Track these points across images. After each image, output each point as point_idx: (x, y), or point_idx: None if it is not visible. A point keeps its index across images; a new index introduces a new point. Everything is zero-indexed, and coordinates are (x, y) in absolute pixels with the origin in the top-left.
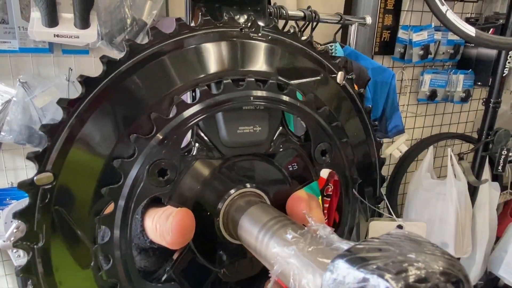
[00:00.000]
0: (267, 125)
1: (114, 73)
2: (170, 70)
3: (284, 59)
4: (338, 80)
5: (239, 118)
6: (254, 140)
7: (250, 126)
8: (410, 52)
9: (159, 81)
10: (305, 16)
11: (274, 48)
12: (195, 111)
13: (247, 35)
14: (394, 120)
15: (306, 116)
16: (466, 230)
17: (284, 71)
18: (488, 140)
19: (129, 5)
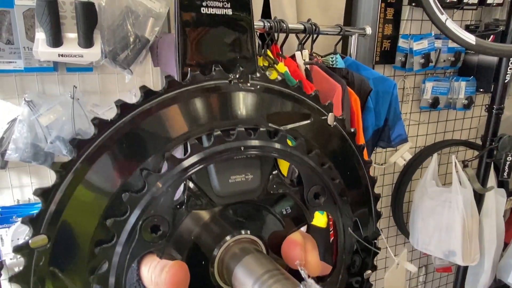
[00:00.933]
0: (259, 172)
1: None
2: (160, 127)
3: (274, 106)
4: (329, 122)
5: (231, 167)
6: (246, 188)
7: (241, 174)
8: (411, 60)
9: (150, 138)
10: (305, 29)
11: (264, 96)
12: (187, 165)
13: (236, 86)
14: (397, 129)
15: (298, 161)
16: (473, 238)
17: (274, 117)
18: (492, 147)
19: (131, 22)
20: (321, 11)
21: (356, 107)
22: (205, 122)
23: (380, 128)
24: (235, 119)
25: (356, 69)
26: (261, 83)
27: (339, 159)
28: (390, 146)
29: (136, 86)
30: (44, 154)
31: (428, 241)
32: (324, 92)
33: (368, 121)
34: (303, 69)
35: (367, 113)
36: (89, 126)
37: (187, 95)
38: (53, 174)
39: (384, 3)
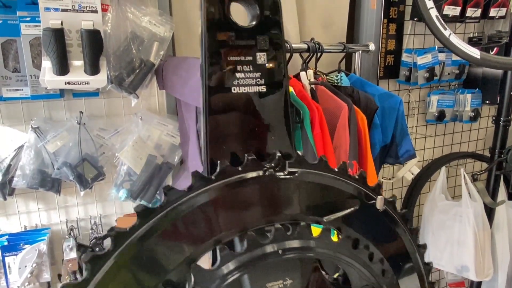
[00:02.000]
0: (299, 275)
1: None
2: (185, 233)
3: (314, 194)
4: (378, 206)
5: (267, 272)
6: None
7: (279, 280)
8: (416, 74)
9: (175, 246)
10: (309, 48)
11: (303, 184)
12: (216, 278)
13: (272, 177)
14: (405, 145)
15: (343, 259)
16: (486, 252)
17: (315, 207)
18: (501, 159)
19: (137, 47)
20: (324, 29)
21: (363, 126)
22: (236, 222)
23: (387, 144)
24: (271, 215)
25: (361, 86)
26: (300, 169)
27: (390, 248)
28: (398, 162)
29: (142, 109)
30: (51, 180)
31: (440, 256)
32: (331, 111)
33: (375, 137)
34: (309, 89)
35: (374, 130)
36: (96, 151)
37: (216, 191)
38: (59, 199)
39: (387, 18)
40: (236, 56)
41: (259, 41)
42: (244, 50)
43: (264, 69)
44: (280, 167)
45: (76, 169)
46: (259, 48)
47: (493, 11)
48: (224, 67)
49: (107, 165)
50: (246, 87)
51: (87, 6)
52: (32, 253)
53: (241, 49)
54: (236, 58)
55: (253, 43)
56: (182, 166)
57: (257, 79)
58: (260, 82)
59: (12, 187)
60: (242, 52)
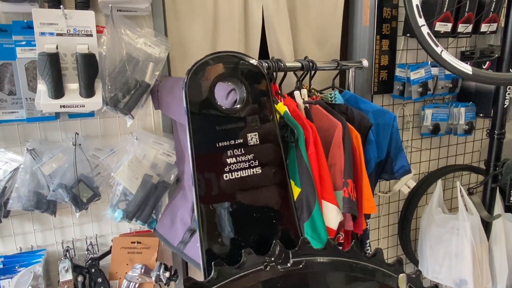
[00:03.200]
0: None
1: None
2: None
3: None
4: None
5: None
6: None
7: None
8: (409, 89)
9: None
10: (302, 67)
11: (310, 273)
12: None
13: (274, 271)
14: (400, 161)
15: None
16: (484, 265)
17: None
18: (496, 172)
19: (132, 68)
20: (318, 47)
21: (358, 144)
22: None
23: (382, 160)
24: None
25: (355, 102)
26: (306, 258)
27: None
28: (393, 178)
29: (138, 129)
30: (47, 201)
31: (438, 269)
32: (325, 129)
33: (370, 154)
34: (303, 108)
35: (368, 146)
36: (91, 171)
37: None
38: (55, 220)
39: (379, 35)
40: (226, 141)
41: (248, 122)
42: (233, 133)
43: (257, 150)
44: (282, 260)
45: (72, 191)
46: (249, 129)
47: (484, 26)
48: (213, 155)
49: (102, 185)
50: (239, 171)
51: (82, 30)
52: (27, 275)
53: (230, 132)
54: (227, 143)
55: (243, 124)
56: (178, 184)
57: (251, 161)
58: (254, 164)
59: (7, 209)
60: (231, 135)
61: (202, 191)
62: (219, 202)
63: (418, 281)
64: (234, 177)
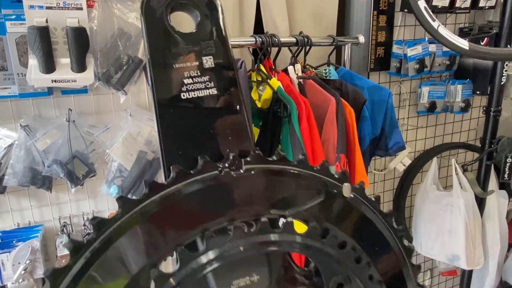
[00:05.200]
0: (266, 270)
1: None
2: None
3: (275, 188)
4: (345, 194)
5: (232, 270)
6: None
7: (245, 277)
8: (406, 66)
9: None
10: (297, 42)
11: (261, 180)
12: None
13: (228, 176)
14: (394, 138)
15: (310, 250)
16: (476, 241)
17: (278, 201)
18: (491, 149)
19: (124, 44)
20: (314, 22)
21: (351, 119)
22: (196, 224)
23: (377, 137)
24: (232, 214)
25: (350, 79)
26: (257, 166)
27: (364, 234)
28: (388, 154)
29: (132, 106)
30: (42, 177)
31: (432, 245)
32: (319, 105)
33: (365, 130)
34: (296, 83)
35: (363, 123)
36: (86, 148)
37: (172, 197)
38: (52, 196)
39: (377, 10)
40: (182, 63)
41: (203, 46)
42: (189, 56)
43: (212, 73)
44: (235, 166)
45: (67, 167)
46: (204, 53)
47: (482, 1)
48: (171, 75)
49: (98, 161)
50: (195, 91)
51: (72, 3)
52: (25, 250)
53: (186, 55)
54: (182, 65)
55: (198, 48)
56: None
57: (206, 83)
58: (209, 86)
59: (3, 185)
60: (187, 59)
61: (162, 108)
62: (178, 118)
63: (361, 191)
64: (191, 96)
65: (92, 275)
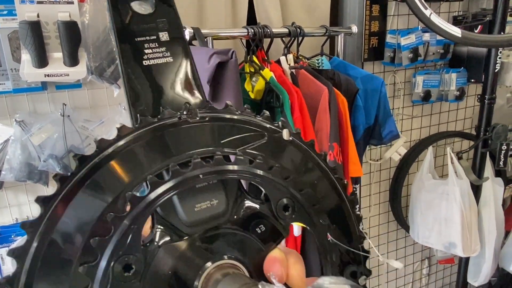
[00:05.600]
0: (223, 196)
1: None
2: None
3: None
4: (285, 137)
5: (194, 196)
6: (213, 213)
7: (206, 201)
8: (400, 56)
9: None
10: (290, 33)
11: (215, 125)
12: (148, 201)
13: (185, 121)
14: (388, 126)
15: (259, 178)
16: (472, 229)
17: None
18: (486, 137)
19: None
20: (307, 13)
21: (344, 108)
22: (162, 160)
23: (371, 126)
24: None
25: (343, 69)
26: (210, 114)
27: (302, 170)
28: (382, 143)
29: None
30: (39, 172)
31: (428, 234)
32: (312, 95)
33: (359, 119)
34: (289, 73)
35: (357, 112)
36: (81, 142)
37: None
38: (49, 191)
39: (370, 0)
40: (143, 37)
41: (159, 24)
42: (149, 32)
43: (167, 44)
44: (192, 114)
45: (62, 161)
46: (160, 29)
47: None
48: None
49: None
50: (154, 59)
51: None
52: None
53: (146, 31)
54: (143, 38)
55: (155, 25)
56: None
57: (163, 53)
58: (166, 55)
59: (0, 181)
60: (147, 34)
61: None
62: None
63: (298, 137)
64: (151, 63)
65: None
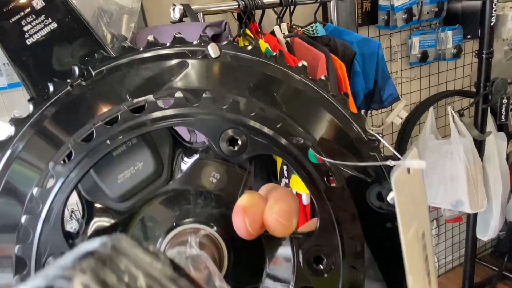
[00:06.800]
0: (148, 154)
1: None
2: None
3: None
4: (213, 54)
5: (114, 166)
6: (143, 178)
7: (129, 167)
8: (394, 17)
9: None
10: (281, 2)
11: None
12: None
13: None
14: (388, 89)
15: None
16: (478, 185)
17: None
18: (486, 92)
19: (105, 22)
20: None
21: (342, 73)
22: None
23: (370, 90)
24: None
25: (338, 34)
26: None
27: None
28: (383, 107)
29: None
30: None
31: (435, 194)
32: (309, 63)
33: (358, 85)
34: (284, 42)
35: (355, 77)
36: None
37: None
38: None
39: None
40: (16, 15)
41: None
42: (21, 7)
43: (44, 10)
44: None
45: None
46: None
47: None
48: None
49: None
50: (37, 33)
51: None
52: None
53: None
54: (17, 16)
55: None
56: None
57: (44, 21)
58: (48, 22)
59: None
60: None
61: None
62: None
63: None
64: (35, 39)
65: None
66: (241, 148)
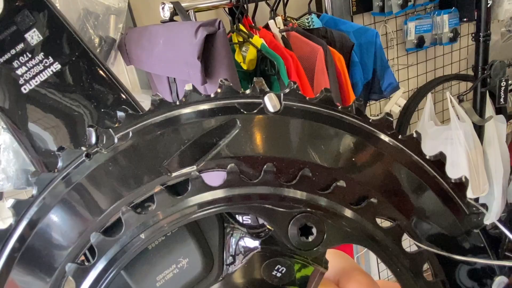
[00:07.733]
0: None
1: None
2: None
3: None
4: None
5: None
6: (190, 279)
7: (171, 266)
8: (389, 3)
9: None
10: None
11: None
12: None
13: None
14: (387, 79)
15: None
16: (479, 169)
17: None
18: (485, 75)
19: (92, 24)
20: None
21: (341, 66)
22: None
23: (369, 81)
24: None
25: (334, 25)
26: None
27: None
28: (382, 97)
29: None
30: None
31: None
32: (307, 57)
33: (357, 76)
34: (280, 37)
35: (354, 68)
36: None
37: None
38: None
39: None
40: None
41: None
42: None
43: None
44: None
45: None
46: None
47: None
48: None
49: None
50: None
51: None
52: None
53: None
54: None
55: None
56: None
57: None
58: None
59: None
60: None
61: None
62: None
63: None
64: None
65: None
66: (317, 239)
